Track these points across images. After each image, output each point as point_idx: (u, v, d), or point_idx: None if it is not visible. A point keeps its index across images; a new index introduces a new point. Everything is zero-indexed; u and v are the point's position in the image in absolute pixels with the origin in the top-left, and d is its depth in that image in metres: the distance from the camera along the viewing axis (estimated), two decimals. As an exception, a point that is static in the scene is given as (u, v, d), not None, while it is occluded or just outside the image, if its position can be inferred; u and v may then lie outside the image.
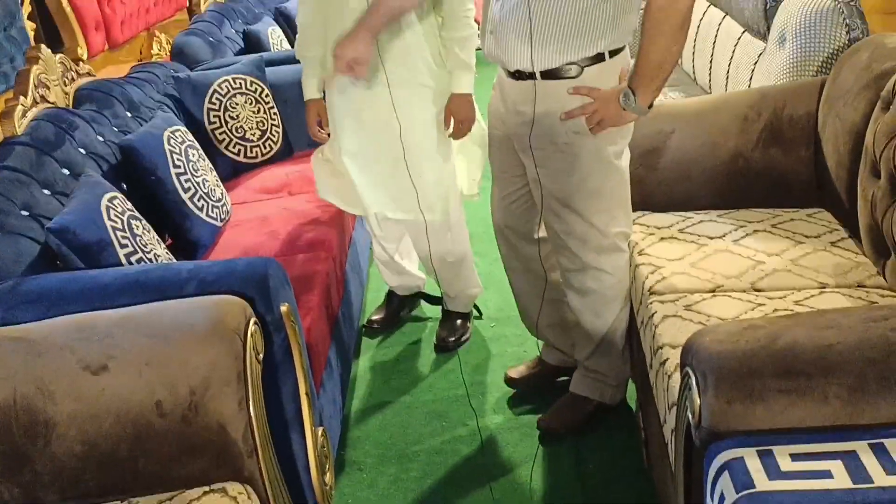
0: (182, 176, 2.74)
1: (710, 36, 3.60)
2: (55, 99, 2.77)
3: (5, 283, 1.99)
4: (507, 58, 2.17)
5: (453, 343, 3.01)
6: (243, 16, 4.52)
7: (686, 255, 2.29)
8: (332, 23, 2.54)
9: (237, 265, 1.99)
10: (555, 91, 2.14)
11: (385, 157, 2.64)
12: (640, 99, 2.07)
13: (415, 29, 2.53)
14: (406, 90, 2.57)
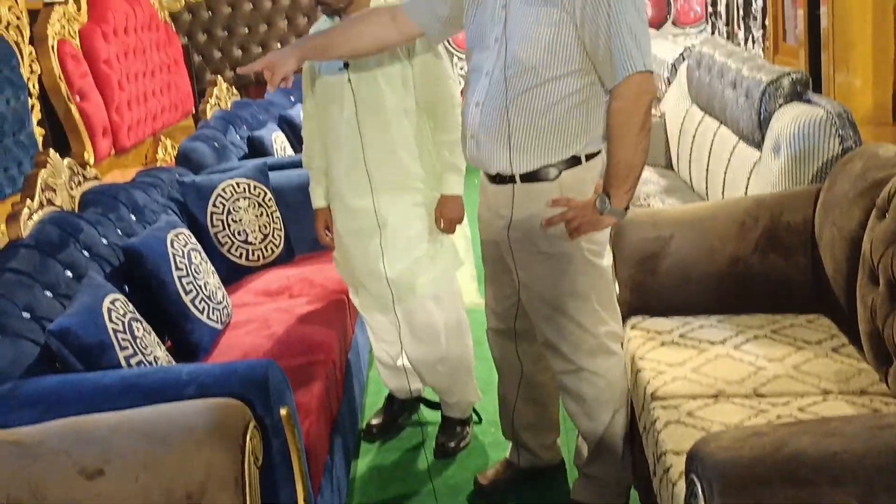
0: (184, 279, 2.75)
1: (705, 144, 3.68)
2: (61, 202, 2.81)
3: (3, 387, 1.98)
4: (488, 162, 2.24)
5: (453, 449, 2.97)
6: (248, 122, 4.63)
7: (687, 360, 2.28)
8: (329, 140, 2.70)
9: (237, 368, 1.99)
10: (534, 194, 2.20)
11: (367, 258, 2.72)
12: (615, 201, 2.12)
13: (405, 135, 2.64)
14: (395, 194, 2.66)
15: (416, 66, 2.60)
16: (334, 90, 2.63)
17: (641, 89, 2.04)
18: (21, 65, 4.26)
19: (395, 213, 2.68)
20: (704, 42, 4.05)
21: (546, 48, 2.08)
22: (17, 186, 3.94)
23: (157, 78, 5.68)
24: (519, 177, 2.19)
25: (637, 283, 2.59)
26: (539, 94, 2.12)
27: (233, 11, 6.65)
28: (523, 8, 2.10)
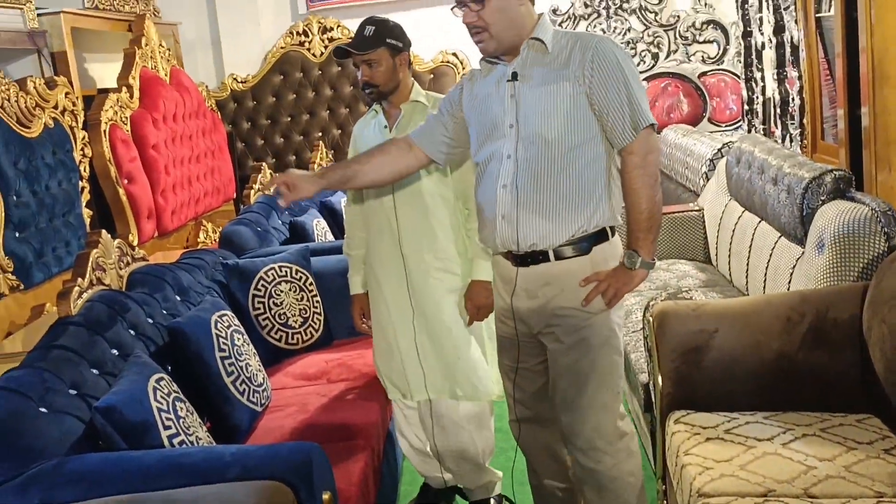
0: (226, 360, 2.77)
1: (745, 239, 3.68)
2: (110, 281, 2.86)
3: (48, 463, 1.99)
4: (520, 239, 2.28)
5: None
6: (290, 208, 4.71)
7: (734, 456, 2.24)
8: (369, 225, 2.79)
9: (281, 450, 1.99)
10: (564, 272, 2.28)
11: (401, 342, 2.76)
12: (644, 252, 2.26)
13: (440, 220, 2.71)
14: (429, 277, 2.72)
15: None
16: None
17: (651, 142, 2.22)
18: (74, 148, 4.40)
19: (429, 299, 2.73)
20: (744, 138, 4.09)
21: (565, 119, 2.22)
22: (63, 266, 4.04)
23: (201, 163, 5.83)
24: (553, 252, 2.26)
25: (680, 376, 2.57)
26: (564, 165, 2.23)
27: (276, 101, 6.83)
28: (534, 90, 2.24)
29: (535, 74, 2.24)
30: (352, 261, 2.93)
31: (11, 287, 3.72)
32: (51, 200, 4.08)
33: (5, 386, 2.12)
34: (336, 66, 6.76)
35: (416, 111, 2.71)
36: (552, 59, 2.23)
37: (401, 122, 2.71)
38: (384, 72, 2.66)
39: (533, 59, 2.26)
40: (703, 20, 6.40)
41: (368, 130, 2.81)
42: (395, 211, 2.69)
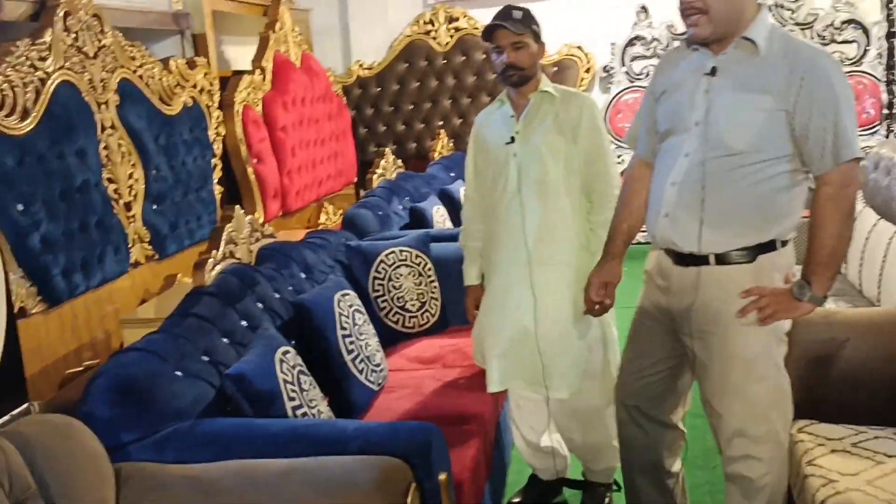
0: (347, 338, 2.84)
1: (880, 248, 3.53)
2: (241, 255, 2.97)
3: (183, 424, 2.09)
4: (682, 240, 2.22)
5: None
6: (410, 194, 4.78)
7: (861, 471, 2.16)
8: (491, 213, 2.79)
9: (402, 429, 2.03)
10: (725, 277, 2.18)
11: (518, 332, 2.71)
12: (816, 287, 2.11)
13: (564, 212, 2.68)
14: (548, 268, 2.69)
15: (580, 146, 2.65)
16: (499, 163, 2.73)
17: (851, 176, 2.07)
18: (209, 127, 4.58)
19: (549, 292, 2.70)
20: (883, 143, 3.92)
21: (758, 134, 2.09)
22: (194, 239, 4.21)
23: (325, 147, 5.98)
24: (713, 257, 2.18)
25: (806, 385, 2.49)
26: (743, 175, 2.12)
27: (400, 88, 6.93)
28: (732, 94, 2.12)
29: (737, 76, 2.12)
30: (468, 252, 2.93)
31: (147, 257, 3.91)
32: (186, 176, 4.26)
33: (146, 348, 2.24)
34: (461, 56, 6.81)
35: (544, 101, 2.71)
36: (759, 63, 2.09)
37: (529, 112, 2.70)
38: (530, 55, 2.66)
39: (738, 58, 2.12)
40: (843, 19, 6.14)
41: (494, 120, 2.80)
42: (521, 202, 2.67)
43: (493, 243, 2.80)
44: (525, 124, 2.69)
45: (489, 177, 2.78)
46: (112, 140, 3.74)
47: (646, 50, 6.51)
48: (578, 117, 2.67)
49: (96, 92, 3.67)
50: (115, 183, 3.73)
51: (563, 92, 2.73)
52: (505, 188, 2.72)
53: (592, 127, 2.67)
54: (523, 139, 2.68)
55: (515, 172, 2.69)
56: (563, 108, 2.68)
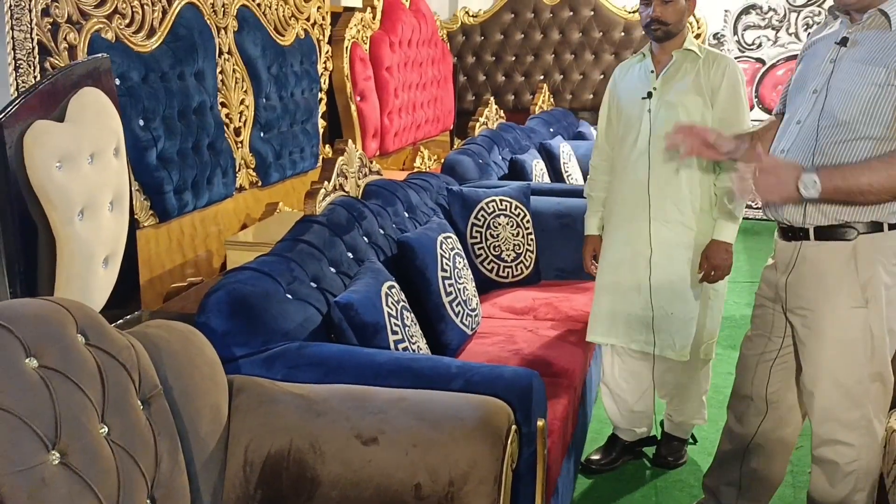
0: (447, 280, 2.88)
1: None
2: (349, 189, 3.02)
3: (292, 344, 2.15)
4: (785, 211, 2.19)
5: (672, 462, 3.10)
6: (510, 145, 4.77)
7: (963, 466, 2.12)
8: (618, 165, 2.78)
9: (505, 371, 2.06)
10: (824, 252, 2.14)
11: (630, 287, 2.77)
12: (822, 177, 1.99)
13: (691, 173, 2.67)
14: (667, 227, 2.70)
15: (716, 110, 2.62)
16: (633, 118, 2.73)
17: None
18: (318, 61, 4.63)
19: (664, 250, 2.72)
20: None
21: (863, 106, 2.04)
22: (296, 170, 4.30)
23: (426, 91, 5.99)
24: (813, 231, 2.15)
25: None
26: (848, 149, 2.07)
27: (504, 39, 6.88)
28: (852, 65, 2.09)
29: (864, 48, 2.07)
30: (592, 202, 2.94)
31: (251, 182, 4.00)
32: (294, 107, 4.33)
33: (259, 269, 2.31)
34: (568, 11, 6.72)
35: (687, 59, 2.67)
36: (888, 37, 2.04)
37: (669, 69, 2.68)
38: (677, 11, 2.63)
39: (870, 30, 2.08)
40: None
41: (632, 74, 2.79)
42: (650, 158, 2.67)
43: (616, 196, 2.82)
44: (664, 81, 2.67)
45: (621, 129, 2.78)
46: (228, 65, 3.81)
47: (760, 20, 6.33)
48: (720, 81, 2.64)
49: (217, 16, 3.74)
50: (227, 108, 3.81)
51: (707, 52, 2.70)
52: (636, 142, 2.72)
53: (733, 93, 2.64)
54: (660, 95, 2.68)
55: (648, 128, 2.68)
56: (705, 69, 2.65)
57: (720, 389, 3.53)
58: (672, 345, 2.77)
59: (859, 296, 2.13)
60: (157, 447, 1.62)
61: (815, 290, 2.19)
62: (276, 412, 1.88)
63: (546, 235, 3.67)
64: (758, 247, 5.60)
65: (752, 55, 6.30)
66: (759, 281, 2.46)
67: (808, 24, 6.22)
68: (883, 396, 2.26)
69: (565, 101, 6.73)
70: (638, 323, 2.78)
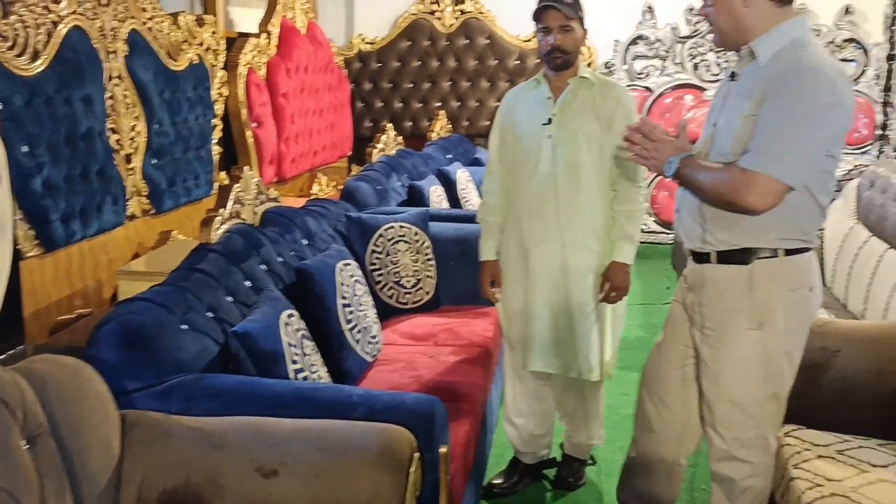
0: (347, 307, 2.85)
1: (869, 265, 3.60)
2: (246, 216, 2.97)
3: (188, 376, 2.10)
4: (685, 236, 2.31)
5: (572, 483, 3.14)
6: (409, 171, 4.79)
7: (846, 478, 2.22)
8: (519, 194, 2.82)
9: (406, 399, 2.05)
10: (724, 277, 2.22)
11: (537, 310, 2.81)
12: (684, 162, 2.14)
13: (593, 196, 2.74)
14: (571, 250, 2.76)
15: (613, 136, 2.68)
16: (532, 143, 2.76)
17: (765, 190, 2.02)
18: (212, 86, 4.56)
19: (574, 274, 2.78)
20: (881, 163, 3.99)
21: (735, 138, 2.13)
22: (190, 197, 4.21)
23: (323, 117, 5.97)
24: (715, 255, 2.23)
25: (796, 391, 2.50)
26: None
27: (401, 66, 6.92)
28: (734, 99, 2.19)
29: (743, 82, 2.17)
30: (487, 227, 2.93)
31: (144, 210, 3.89)
32: (187, 133, 4.24)
33: (152, 299, 2.24)
34: (464, 39, 6.81)
35: (582, 86, 2.74)
36: (756, 70, 2.12)
37: (567, 96, 2.73)
38: (575, 39, 2.69)
39: (746, 66, 2.18)
40: (844, 37, 6.22)
41: (527, 100, 2.82)
42: (557, 183, 2.72)
43: (516, 220, 2.84)
44: (562, 107, 2.73)
45: (519, 154, 2.81)
46: (118, 90, 3.72)
47: (648, 50, 6.55)
48: (614, 107, 2.71)
49: (106, 40, 3.64)
50: (117, 134, 3.71)
51: (600, 80, 2.77)
52: (537, 167, 2.75)
53: (627, 119, 2.70)
54: (560, 121, 2.73)
55: (549, 153, 2.72)
56: (601, 96, 2.72)
57: (616, 410, 3.61)
58: (583, 366, 2.81)
59: (756, 318, 2.20)
60: (43, 488, 1.55)
61: (717, 312, 2.26)
62: (171, 447, 1.82)
63: (445, 261, 3.68)
64: (651, 270, 5.77)
65: (641, 84, 6.51)
66: (652, 303, 2.54)
67: (693, 55, 6.47)
68: (778, 415, 2.34)
69: (462, 127, 6.81)
70: (546, 346, 2.82)
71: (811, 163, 2.05)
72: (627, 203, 2.75)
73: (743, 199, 2.04)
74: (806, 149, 2.02)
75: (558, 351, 2.82)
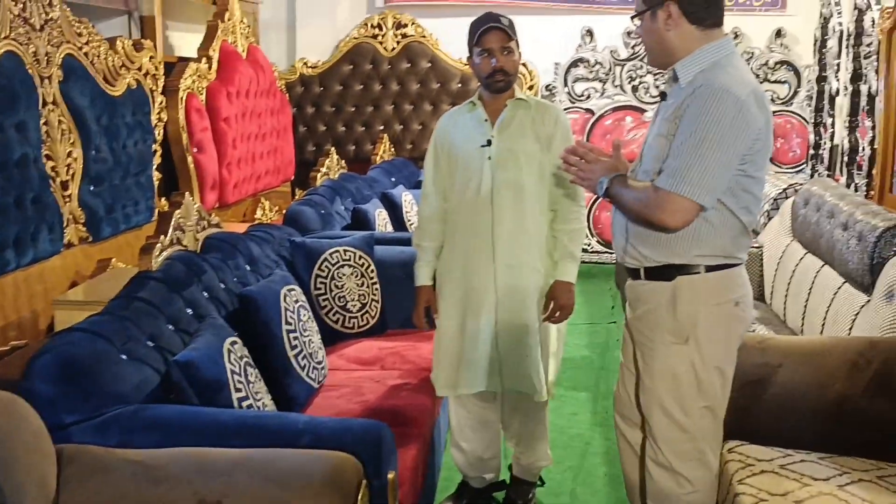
0: (291, 333, 2.82)
1: (805, 281, 3.68)
2: (188, 243, 2.92)
3: (127, 408, 2.05)
4: (617, 252, 2.38)
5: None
6: (353, 195, 4.77)
7: (789, 491, 2.25)
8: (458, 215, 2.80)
9: (353, 425, 2.03)
10: (650, 292, 2.29)
11: (478, 333, 2.78)
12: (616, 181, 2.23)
13: (536, 216, 2.75)
14: (515, 270, 2.75)
15: (552, 157, 2.71)
16: (472, 166, 2.74)
17: (677, 208, 2.11)
18: (152, 111, 4.49)
19: (516, 295, 2.76)
20: (814, 181, 4.09)
21: (655, 157, 2.21)
22: (130, 224, 4.13)
23: (266, 142, 5.92)
24: (642, 271, 2.30)
25: (739, 407, 2.56)
26: None
27: (343, 90, 6.90)
28: (659, 120, 2.29)
29: (668, 102, 2.25)
30: (423, 252, 2.90)
31: (81, 238, 3.80)
32: (126, 159, 4.16)
33: (91, 329, 2.19)
34: (406, 63, 6.82)
35: (519, 108, 2.75)
36: (678, 92, 2.21)
37: (505, 117, 2.74)
38: (515, 62, 2.71)
39: (671, 87, 2.27)
40: (777, 60, 6.39)
41: (464, 123, 2.80)
42: (493, 205, 2.71)
43: (456, 243, 2.82)
44: (501, 129, 2.73)
45: (457, 178, 2.79)
46: (53, 116, 3.64)
47: (588, 72, 6.65)
48: (553, 129, 2.74)
49: (40, 65, 3.56)
50: (53, 160, 3.62)
51: (536, 101, 2.80)
52: (478, 190, 2.73)
53: (566, 139, 2.74)
54: (499, 143, 2.72)
55: (489, 176, 2.71)
56: (539, 118, 2.74)
57: (565, 430, 3.62)
58: (529, 385, 2.80)
59: (681, 333, 2.25)
60: (-25, 529, 1.49)
61: (647, 326, 2.32)
62: (110, 482, 1.77)
63: (391, 285, 3.67)
64: (595, 290, 5.82)
65: (581, 106, 6.60)
66: (597, 323, 2.57)
67: (632, 77, 6.58)
68: (714, 430, 2.37)
69: (406, 150, 6.81)
70: (489, 368, 2.80)
71: (720, 181, 2.11)
72: (569, 222, 2.78)
73: (658, 218, 2.13)
74: (712, 168, 2.08)
75: (503, 371, 2.80)
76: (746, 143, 2.11)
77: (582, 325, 5.03)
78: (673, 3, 2.16)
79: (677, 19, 2.17)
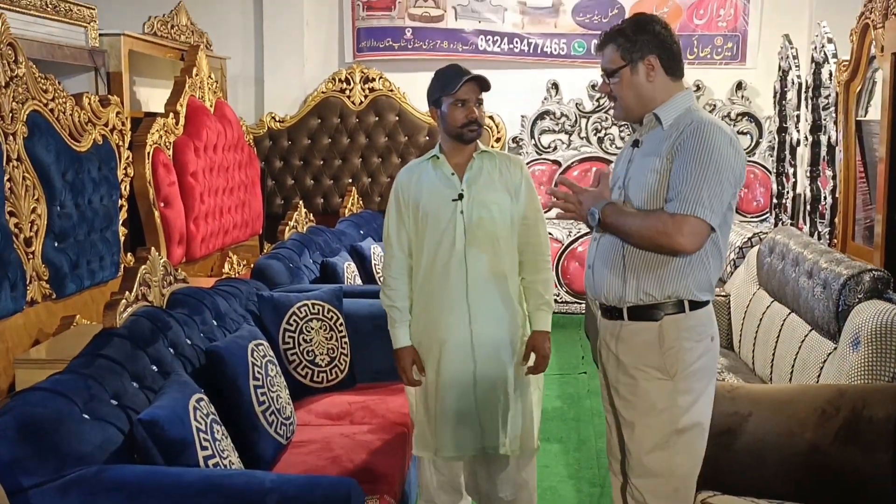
0: (259, 389, 2.78)
1: (773, 329, 3.70)
2: (153, 298, 2.89)
3: (89, 469, 2.00)
4: (600, 291, 2.39)
5: None
6: (321, 248, 4.76)
7: (763, 542, 2.24)
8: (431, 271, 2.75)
9: (321, 482, 2.00)
10: (635, 332, 2.33)
11: (454, 391, 2.74)
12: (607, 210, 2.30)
13: (509, 269, 2.76)
14: (491, 324, 2.73)
15: (520, 206, 2.73)
16: (444, 221, 2.71)
17: (694, 230, 2.19)
18: (118, 167, 4.47)
19: (493, 350, 2.74)
20: (779, 230, 4.14)
21: (648, 192, 2.29)
22: (95, 280, 4.08)
23: (234, 196, 5.91)
24: (626, 311, 2.33)
25: (710, 456, 2.55)
26: None
27: (311, 143, 6.93)
28: (640, 160, 2.36)
29: (647, 144, 2.35)
30: (396, 313, 2.81)
31: (44, 295, 3.74)
32: (92, 214, 4.13)
33: (52, 388, 2.14)
34: (374, 116, 6.87)
35: (485, 159, 2.76)
36: (661, 133, 2.31)
37: (472, 170, 2.74)
38: (482, 115, 2.74)
39: (650, 130, 2.37)
40: (738, 111, 6.53)
41: (428, 178, 2.76)
42: (466, 258, 2.69)
43: (432, 300, 2.75)
44: (470, 181, 2.73)
45: (427, 235, 2.74)
46: (17, 172, 3.60)
47: (554, 125, 6.74)
48: (519, 179, 2.76)
49: (4, 122, 3.54)
50: (16, 217, 3.58)
51: (499, 153, 2.82)
52: (453, 244, 2.70)
53: (531, 189, 2.78)
54: (471, 195, 2.71)
55: (462, 229, 2.70)
56: (504, 168, 2.76)
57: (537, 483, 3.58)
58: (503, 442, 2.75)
59: (668, 370, 2.29)
60: None
61: (632, 364, 2.34)
62: (71, 547, 1.72)
63: (360, 338, 3.64)
64: (566, 340, 5.82)
65: (548, 157, 6.67)
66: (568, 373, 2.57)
67: (598, 129, 6.68)
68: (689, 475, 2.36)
69: (374, 203, 6.82)
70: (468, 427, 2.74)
71: (723, 205, 2.24)
72: (540, 272, 2.79)
73: (674, 241, 2.19)
74: (717, 191, 2.21)
75: (476, 431, 2.75)
76: (738, 170, 2.25)
77: (553, 375, 5.01)
78: (654, 56, 2.32)
79: (658, 70, 2.33)
